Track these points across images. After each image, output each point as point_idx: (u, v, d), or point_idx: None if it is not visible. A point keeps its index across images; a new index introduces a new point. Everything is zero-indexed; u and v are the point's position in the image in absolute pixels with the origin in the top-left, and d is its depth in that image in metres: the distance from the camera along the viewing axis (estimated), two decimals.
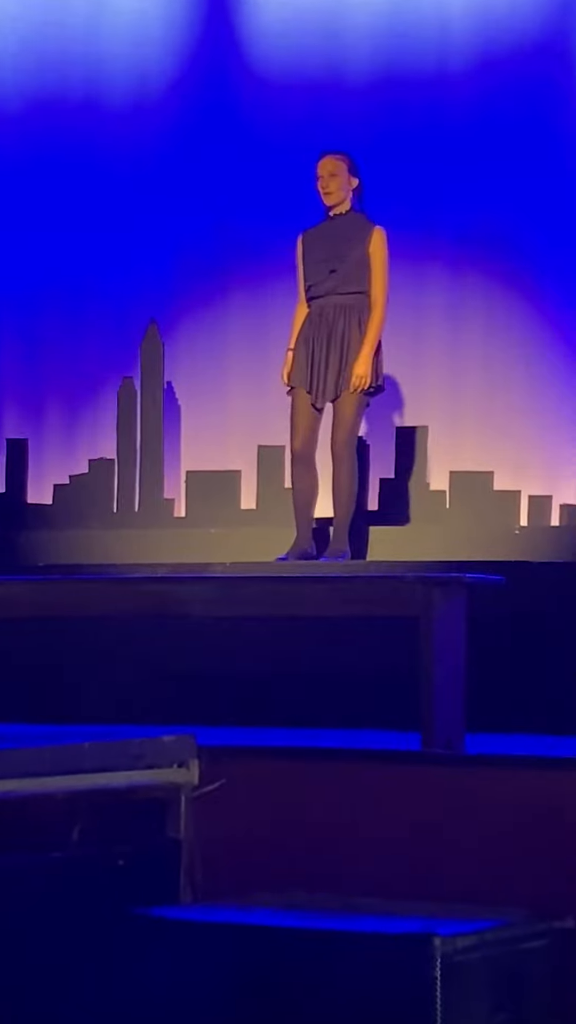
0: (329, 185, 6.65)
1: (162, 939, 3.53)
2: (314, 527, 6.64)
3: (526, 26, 7.60)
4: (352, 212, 6.69)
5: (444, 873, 3.72)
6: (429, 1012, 3.27)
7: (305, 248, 6.71)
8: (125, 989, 3.53)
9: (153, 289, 8.10)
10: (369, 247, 6.60)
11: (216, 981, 3.45)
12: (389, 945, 3.34)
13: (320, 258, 6.63)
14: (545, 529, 7.14)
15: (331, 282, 6.61)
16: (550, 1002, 3.49)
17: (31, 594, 4.73)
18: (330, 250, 6.62)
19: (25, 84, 8.40)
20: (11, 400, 8.34)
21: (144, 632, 5.57)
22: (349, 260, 6.59)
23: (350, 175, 6.66)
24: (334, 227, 6.66)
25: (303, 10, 7.94)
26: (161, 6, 8.24)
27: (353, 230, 6.63)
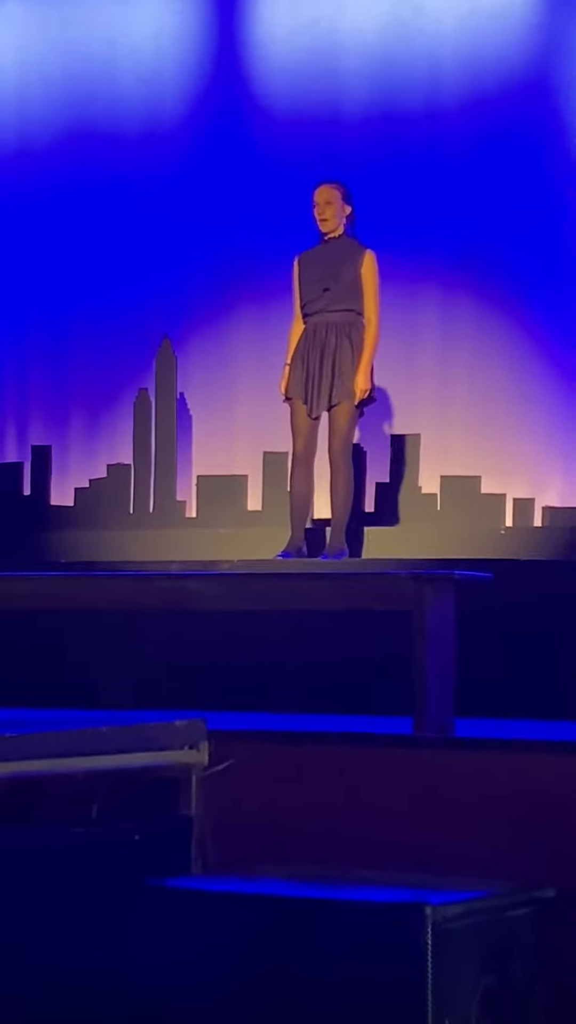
0: (325, 212, 6.67)
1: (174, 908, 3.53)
2: (308, 527, 6.66)
3: (512, 65, 7.61)
4: (345, 237, 6.70)
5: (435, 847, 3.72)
6: (421, 975, 3.27)
7: (301, 269, 6.72)
8: (139, 953, 3.53)
9: (166, 307, 8.11)
10: (361, 269, 6.62)
11: (224, 946, 3.45)
12: (384, 913, 3.34)
13: (315, 278, 6.65)
14: (529, 529, 7.14)
15: (325, 300, 6.63)
16: (532, 965, 3.50)
17: (54, 589, 4.73)
18: (324, 271, 6.63)
19: (50, 118, 8.42)
20: (36, 410, 8.34)
21: (158, 624, 5.58)
22: (342, 280, 6.61)
23: (344, 203, 6.69)
24: (329, 250, 6.67)
25: (305, 51, 7.95)
26: (174, 48, 8.25)
27: (346, 253, 6.65)
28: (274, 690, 5.41)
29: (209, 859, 3.86)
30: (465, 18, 7.68)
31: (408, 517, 7.32)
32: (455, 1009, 3.30)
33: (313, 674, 5.46)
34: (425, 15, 7.76)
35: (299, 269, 6.73)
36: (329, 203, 6.67)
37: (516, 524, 7.23)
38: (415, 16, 7.78)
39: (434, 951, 3.27)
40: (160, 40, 8.27)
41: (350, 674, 5.37)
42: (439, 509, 7.37)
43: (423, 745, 3.95)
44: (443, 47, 7.72)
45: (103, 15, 8.38)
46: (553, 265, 7.50)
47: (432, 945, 3.27)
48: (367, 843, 3.78)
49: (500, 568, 5.07)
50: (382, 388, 7.57)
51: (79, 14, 8.42)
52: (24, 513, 7.85)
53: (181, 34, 8.23)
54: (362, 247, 6.67)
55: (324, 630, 5.43)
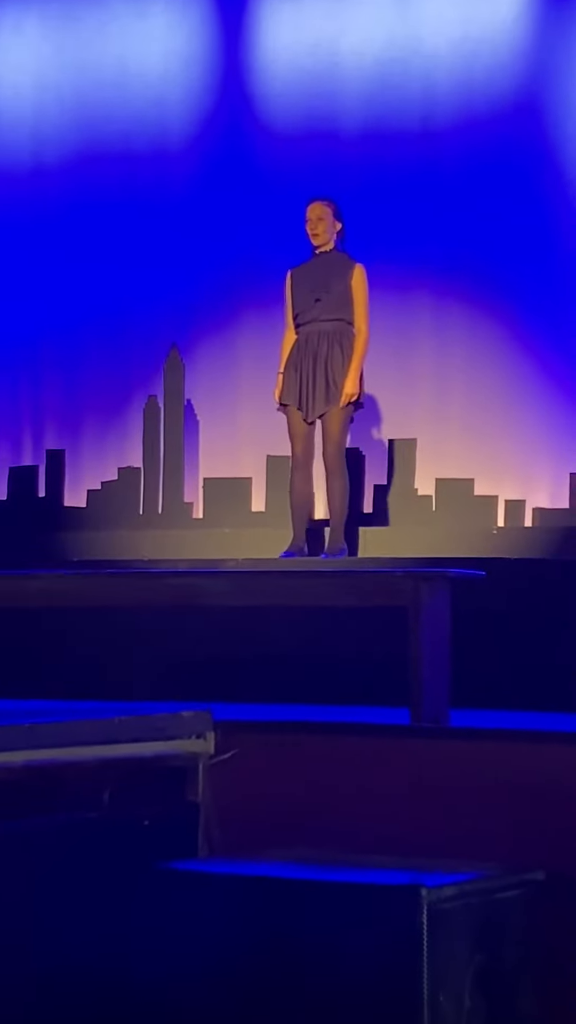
0: (317, 227, 6.68)
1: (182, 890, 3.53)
2: (308, 527, 6.66)
3: (503, 87, 7.61)
4: (336, 251, 6.71)
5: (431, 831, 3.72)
6: (417, 953, 3.27)
7: (294, 282, 6.74)
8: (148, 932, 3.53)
9: (174, 317, 8.11)
10: (352, 281, 6.63)
11: (229, 926, 3.45)
12: (382, 894, 3.34)
13: (307, 289, 6.66)
14: (520, 530, 7.13)
15: (316, 310, 6.64)
16: (523, 945, 3.50)
17: (68, 586, 4.73)
18: (316, 282, 6.64)
19: (63, 137, 8.43)
20: (50, 416, 8.34)
21: (166, 620, 5.57)
22: (333, 291, 6.62)
23: (335, 219, 6.70)
24: (320, 263, 6.69)
25: (305, 74, 7.96)
26: (182, 72, 8.25)
27: (337, 266, 6.66)
28: (277, 683, 5.41)
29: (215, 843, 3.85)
30: (458, 43, 7.69)
31: (405, 518, 7.32)
32: (449, 985, 3.30)
33: (314, 667, 5.45)
34: (421, 40, 7.77)
35: (292, 282, 6.75)
36: (321, 219, 6.68)
37: (508, 524, 7.23)
38: (411, 41, 7.78)
39: (429, 931, 3.27)
40: (168, 64, 8.28)
41: (350, 667, 5.37)
42: (434, 510, 7.37)
43: (419, 735, 3.95)
44: (438, 70, 7.72)
45: (115, 40, 8.39)
46: (542, 275, 7.50)
47: (427, 925, 3.27)
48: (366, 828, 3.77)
49: (492, 567, 5.07)
50: (381, 395, 7.59)
51: (92, 39, 8.43)
52: (39, 514, 7.85)
53: (188, 58, 8.24)
54: (352, 261, 6.69)
55: (325, 626, 5.43)
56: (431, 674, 4.18)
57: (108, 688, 5.40)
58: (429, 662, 4.18)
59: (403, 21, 7.80)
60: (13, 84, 8.57)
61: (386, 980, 3.29)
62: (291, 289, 6.73)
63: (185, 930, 3.49)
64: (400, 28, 7.81)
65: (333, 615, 5.23)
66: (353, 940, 3.32)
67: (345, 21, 7.90)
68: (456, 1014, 3.30)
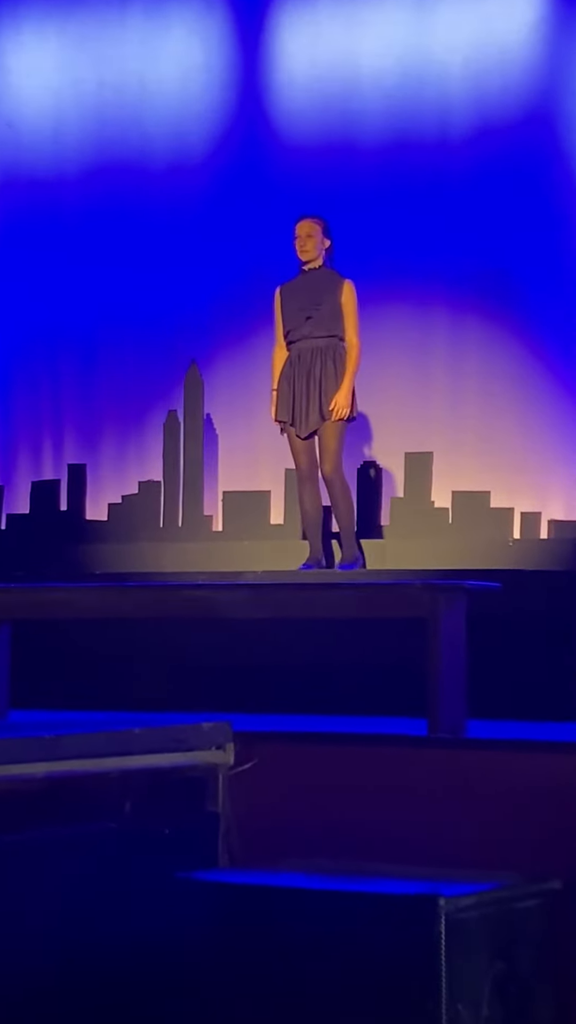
0: (306, 244, 6.70)
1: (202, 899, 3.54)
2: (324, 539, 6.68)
3: (516, 99, 7.63)
4: (324, 268, 6.72)
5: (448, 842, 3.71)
6: (435, 962, 3.27)
7: (283, 299, 6.75)
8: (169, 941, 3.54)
9: (193, 333, 8.13)
10: (341, 298, 6.64)
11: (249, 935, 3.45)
12: (400, 904, 3.34)
13: (297, 307, 6.67)
14: (536, 542, 7.13)
15: (307, 327, 6.65)
16: (540, 953, 3.49)
17: (90, 599, 4.74)
18: (306, 299, 6.66)
19: (83, 152, 8.46)
20: (72, 431, 8.37)
21: (186, 632, 5.58)
22: (323, 308, 6.63)
23: (324, 236, 6.71)
24: (309, 280, 6.70)
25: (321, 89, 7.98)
26: (200, 87, 8.28)
27: (326, 283, 6.67)
28: (296, 694, 5.41)
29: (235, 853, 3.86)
30: (474, 55, 7.71)
31: (422, 530, 7.32)
32: (467, 994, 3.30)
33: (333, 679, 5.46)
34: (436, 53, 7.78)
35: (281, 299, 6.76)
36: (310, 236, 6.70)
37: (523, 536, 7.22)
38: (427, 54, 7.80)
39: (447, 940, 3.27)
40: (187, 79, 8.30)
41: (368, 679, 5.37)
42: (451, 523, 7.37)
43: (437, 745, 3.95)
44: (453, 82, 7.74)
45: (134, 55, 8.42)
46: (558, 288, 7.50)
47: (445, 934, 3.27)
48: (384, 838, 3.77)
49: (508, 578, 5.07)
50: (397, 408, 7.59)
51: (112, 54, 8.46)
52: (61, 527, 7.87)
53: (207, 73, 8.27)
54: (341, 277, 6.70)
55: (343, 637, 5.43)
56: (448, 685, 4.18)
57: (128, 699, 5.40)
58: (446, 673, 4.18)
59: (418, 34, 7.82)
60: (34, 98, 8.61)
61: (405, 989, 3.29)
62: (280, 306, 6.76)
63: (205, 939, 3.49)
64: (416, 41, 7.82)
65: (351, 627, 5.23)
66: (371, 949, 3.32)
67: (361, 35, 7.92)
68: (474, 1022, 3.30)
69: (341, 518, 6.59)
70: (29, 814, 3.40)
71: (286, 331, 6.72)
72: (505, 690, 5.11)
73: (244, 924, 3.46)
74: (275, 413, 6.70)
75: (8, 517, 8.07)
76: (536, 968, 3.46)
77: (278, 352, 6.77)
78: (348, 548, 6.56)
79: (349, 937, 3.35)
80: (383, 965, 3.30)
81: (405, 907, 3.32)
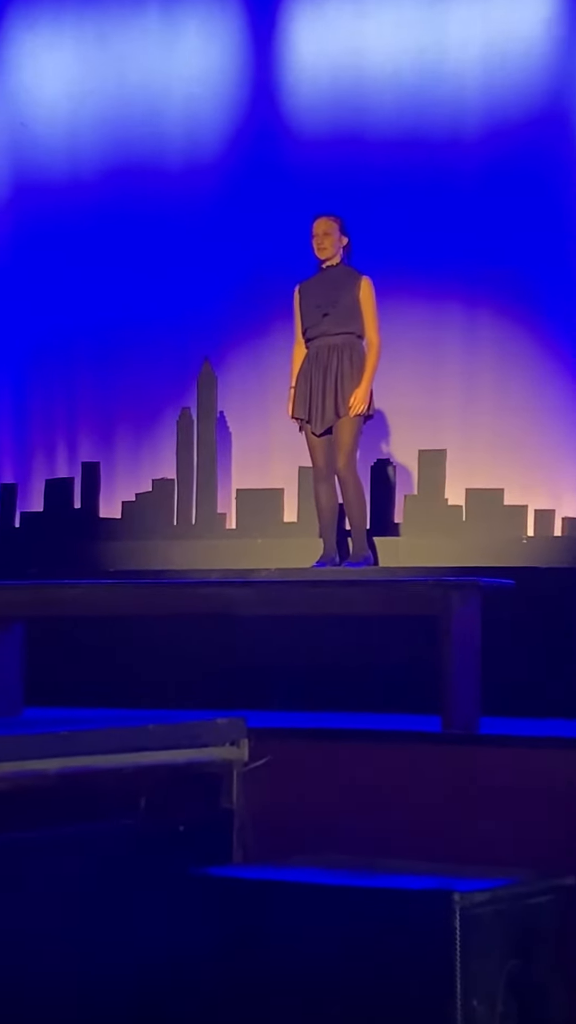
0: (323, 242, 6.69)
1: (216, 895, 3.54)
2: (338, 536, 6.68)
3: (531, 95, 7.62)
4: (342, 265, 6.72)
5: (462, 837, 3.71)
6: (449, 958, 3.27)
7: (302, 297, 6.75)
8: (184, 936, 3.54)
9: (207, 331, 8.13)
10: (359, 295, 6.64)
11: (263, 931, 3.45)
12: (414, 900, 3.34)
13: (315, 304, 6.66)
14: (549, 539, 7.12)
15: (325, 324, 6.64)
16: (554, 950, 3.48)
17: (104, 596, 4.74)
18: (323, 297, 6.65)
19: (98, 153, 8.47)
20: (85, 429, 8.38)
21: (200, 629, 5.58)
22: (340, 305, 6.62)
23: (341, 234, 6.71)
24: (327, 278, 6.69)
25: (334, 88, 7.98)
26: (213, 87, 8.28)
27: (344, 280, 6.66)
28: (309, 690, 5.41)
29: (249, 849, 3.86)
30: (486, 53, 7.70)
31: (435, 528, 7.31)
32: (482, 990, 3.29)
33: (346, 675, 5.45)
34: (449, 51, 7.78)
35: (299, 297, 6.76)
36: (327, 234, 6.69)
37: (537, 534, 7.21)
38: (439, 52, 7.79)
39: (462, 936, 3.27)
40: (200, 79, 8.30)
41: (382, 675, 5.36)
42: (464, 520, 7.36)
43: (451, 741, 3.95)
44: (465, 80, 7.73)
45: (148, 56, 8.43)
46: (571, 285, 7.49)
47: (460, 930, 3.27)
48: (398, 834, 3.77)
49: (522, 575, 5.06)
50: (411, 406, 7.58)
51: (125, 55, 8.47)
52: (75, 525, 7.88)
53: (219, 73, 8.27)
54: (358, 274, 6.69)
55: (356, 634, 5.43)
56: (462, 682, 4.17)
57: (142, 696, 5.41)
58: (460, 670, 4.18)
59: (431, 32, 7.82)
60: (50, 100, 8.62)
61: (419, 985, 3.28)
62: (299, 304, 6.76)
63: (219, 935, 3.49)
64: (429, 39, 7.82)
65: (364, 624, 5.23)
66: (386, 945, 3.31)
67: (374, 33, 7.92)
68: (489, 1019, 3.29)
69: (352, 515, 6.59)
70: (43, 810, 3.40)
71: (304, 328, 6.72)
72: (519, 687, 5.10)
73: (258, 920, 3.46)
74: (292, 410, 6.70)
75: (22, 515, 8.08)
76: (551, 964, 3.45)
77: (297, 350, 6.76)
78: (358, 546, 6.56)
79: (364, 933, 3.35)
80: (398, 961, 3.30)
81: (420, 903, 3.31)
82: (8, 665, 4.82)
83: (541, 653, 5.43)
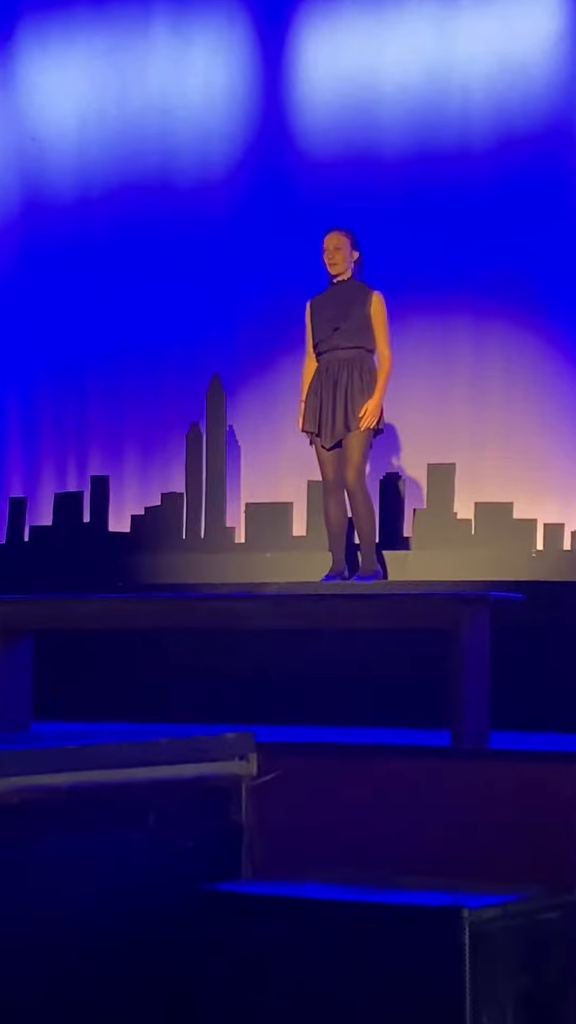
0: (334, 257, 6.70)
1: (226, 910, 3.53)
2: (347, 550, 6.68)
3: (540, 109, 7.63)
4: (353, 279, 6.72)
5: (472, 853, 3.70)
6: (459, 975, 3.25)
7: (313, 311, 6.76)
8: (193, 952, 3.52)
9: (216, 346, 8.14)
10: (370, 309, 6.64)
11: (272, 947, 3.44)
12: (423, 916, 3.32)
13: (326, 318, 6.67)
14: (559, 553, 7.11)
15: (336, 338, 6.65)
16: (564, 966, 3.47)
17: (113, 610, 4.74)
18: (335, 311, 6.66)
19: (107, 170, 8.50)
20: (95, 443, 8.39)
21: (209, 642, 5.58)
22: (351, 319, 6.63)
23: (352, 249, 6.71)
24: (338, 292, 6.70)
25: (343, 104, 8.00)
26: (222, 104, 8.31)
27: (355, 294, 6.67)
28: (319, 705, 5.40)
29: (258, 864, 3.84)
30: (496, 69, 7.71)
31: (445, 541, 7.31)
32: (492, 1007, 3.27)
33: (355, 689, 5.44)
34: (458, 67, 7.79)
35: (311, 311, 6.77)
36: (338, 249, 6.70)
37: (547, 548, 7.20)
38: (448, 68, 7.81)
39: (471, 952, 3.25)
40: (209, 96, 8.33)
41: (391, 690, 5.35)
42: (474, 534, 7.35)
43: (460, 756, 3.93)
44: (475, 95, 7.75)
45: (158, 73, 8.46)
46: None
47: (469, 946, 3.25)
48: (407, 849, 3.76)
49: (532, 589, 5.06)
50: (420, 419, 7.58)
51: (135, 73, 8.49)
52: (84, 539, 7.88)
53: (229, 90, 8.29)
54: (370, 288, 6.70)
55: (365, 649, 5.42)
56: (472, 696, 4.16)
57: (151, 710, 5.40)
58: (470, 684, 4.17)
59: (440, 48, 7.83)
60: (60, 118, 8.65)
61: (428, 1001, 3.27)
62: (311, 318, 6.77)
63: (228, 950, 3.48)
64: (437, 55, 7.83)
65: (373, 638, 5.22)
66: (395, 961, 3.30)
67: (383, 49, 7.94)
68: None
69: (362, 529, 6.59)
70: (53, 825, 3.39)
71: (315, 343, 6.72)
72: (529, 701, 5.09)
73: (267, 935, 3.44)
74: (302, 424, 6.70)
75: (32, 529, 8.08)
76: (561, 980, 3.44)
77: (308, 364, 6.77)
78: (367, 560, 6.55)
79: (373, 948, 3.33)
80: (407, 977, 3.28)
81: (429, 918, 3.30)
82: (17, 679, 4.81)
83: (551, 667, 5.41)
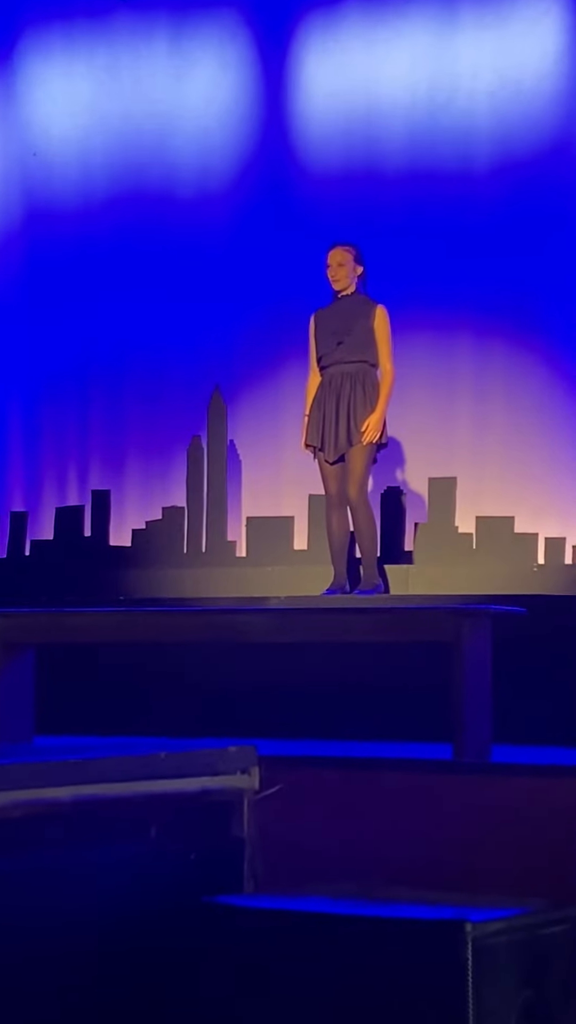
0: (337, 273, 6.71)
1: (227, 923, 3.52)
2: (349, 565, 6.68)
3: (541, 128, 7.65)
4: (357, 294, 6.73)
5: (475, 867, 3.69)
6: (461, 989, 3.24)
7: (317, 325, 6.77)
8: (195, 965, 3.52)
9: (217, 360, 8.14)
10: (374, 323, 6.65)
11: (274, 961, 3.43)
12: (426, 930, 3.31)
13: (330, 332, 6.68)
14: (560, 567, 7.10)
15: (339, 352, 6.66)
16: (567, 980, 3.46)
17: (115, 624, 4.74)
18: (339, 325, 6.67)
19: (110, 182, 8.51)
20: (96, 456, 8.39)
21: (210, 657, 5.57)
22: (355, 333, 6.64)
23: (356, 263, 6.72)
24: (342, 306, 6.71)
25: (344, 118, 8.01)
26: (223, 117, 8.32)
27: (359, 308, 6.68)
28: (321, 719, 5.40)
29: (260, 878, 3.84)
30: (497, 86, 7.73)
31: (446, 555, 7.30)
32: (495, 1021, 3.26)
33: (357, 703, 5.44)
34: (459, 84, 7.81)
35: (315, 325, 6.78)
36: (342, 264, 6.71)
37: (548, 562, 7.20)
38: (450, 85, 7.83)
39: (474, 966, 3.24)
40: (211, 109, 8.34)
41: (392, 703, 5.35)
42: (475, 548, 7.35)
43: (462, 770, 3.93)
44: (476, 115, 7.76)
45: (159, 87, 8.48)
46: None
47: (472, 961, 3.24)
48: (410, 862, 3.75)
49: (533, 603, 5.05)
50: (421, 434, 7.58)
51: (137, 86, 8.51)
52: (85, 553, 7.88)
53: (230, 103, 8.31)
54: (373, 303, 6.71)
55: (367, 662, 5.41)
56: (473, 710, 4.16)
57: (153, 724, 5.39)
58: (471, 698, 4.16)
59: (441, 65, 7.85)
60: (61, 130, 8.66)
61: (432, 1016, 3.25)
62: (314, 332, 6.78)
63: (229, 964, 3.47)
64: (438, 72, 7.85)
65: (375, 652, 5.22)
66: (398, 976, 3.29)
67: (384, 66, 7.95)
68: None
69: (363, 544, 6.59)
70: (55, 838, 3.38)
71: (319, 356, 6.73)
72: (530, 715, 5.08)
73: (269, 949, 3.43)
74: (305, 438, 6.70)
75: (32, 543, 8.08)
76: (564, 994, 3.42)
77: (312, 378, 6.77)
78: (368, 574, 6.55)
79: (375, 963, 3.32)
80: (409, 991, 3.27)
81: (431, 932, 3.29)
82: (19, 693, 4.81)
83: (552, 681, 5.41)
